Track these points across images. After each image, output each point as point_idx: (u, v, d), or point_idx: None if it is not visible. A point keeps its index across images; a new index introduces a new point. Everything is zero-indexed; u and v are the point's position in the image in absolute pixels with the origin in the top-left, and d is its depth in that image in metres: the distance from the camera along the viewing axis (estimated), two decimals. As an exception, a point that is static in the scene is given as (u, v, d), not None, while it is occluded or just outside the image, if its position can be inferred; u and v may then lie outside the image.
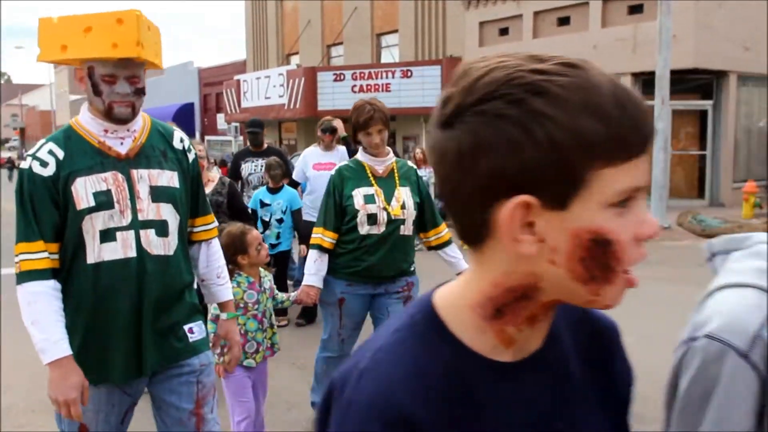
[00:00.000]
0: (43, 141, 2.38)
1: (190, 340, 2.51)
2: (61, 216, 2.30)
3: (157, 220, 2.39)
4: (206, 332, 2.64)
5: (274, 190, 6.62)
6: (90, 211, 2.28)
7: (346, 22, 24.35)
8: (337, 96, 21.02)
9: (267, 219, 6.59)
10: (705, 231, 12.40)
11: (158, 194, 2.40)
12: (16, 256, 2.28)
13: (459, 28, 20.14)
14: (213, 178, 5.40)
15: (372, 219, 3.72)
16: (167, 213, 2.42)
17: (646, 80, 15.43)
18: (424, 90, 19.93)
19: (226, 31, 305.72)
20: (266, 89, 23.73)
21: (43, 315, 2.25)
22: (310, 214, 6.39)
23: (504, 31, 18.98)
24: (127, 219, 2.33)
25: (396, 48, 22.89)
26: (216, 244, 2.72)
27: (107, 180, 2.32)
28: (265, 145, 7.67)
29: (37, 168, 2.29)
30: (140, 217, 2.35)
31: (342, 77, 20.96)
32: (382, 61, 23.17)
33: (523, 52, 0.83)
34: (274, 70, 24.18)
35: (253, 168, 7.37)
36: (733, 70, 15.41)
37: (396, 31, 22.76)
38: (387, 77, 20.31)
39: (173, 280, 2.44)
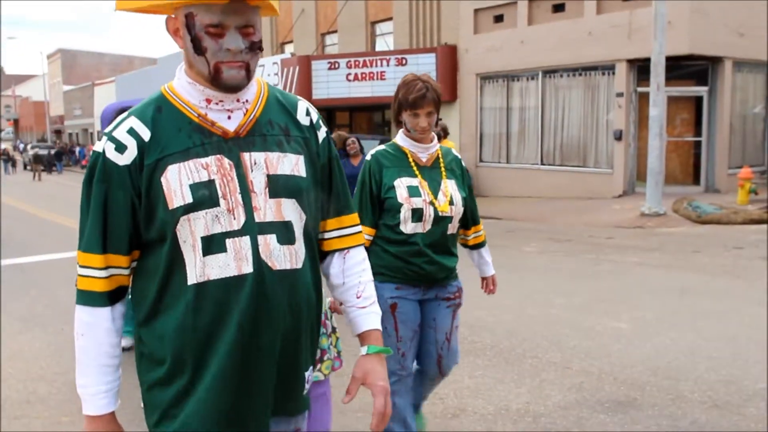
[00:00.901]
0: (124, 115, 1.79)
1: (304, 391, 1.90)
2: (146, 219, 1.72)
3: (278, 221, 1.77)
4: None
5: None
6: (187, 210, 1.68)
7: (340, 11, 24.23)
8: (331, 84, 20.96)
9: None
10: (701, 217, 12.42)
11: (278, 186, 1.78)
12: (78, 264, 1.77)
13: (454, 15, 20.07)
14: None
15: (417, 215, 3.23)
16: (290, 212, 1.79)
17: (641, 66, 15.42)
18: (419, 78, 19.86)
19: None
20: (261, 78, 23.61)
21: (86, 355, 1.76)
22: None
23: (499, 18, 18.91)
24: (239, 221, 1.72)
25: (390, 36, 22.79)
26: (356, 254, 2.00)
27: (209, 167, 1.72)
28: None
29: (111, 153, 1.71)
30: (256, 218, 1.73)
31: (337, 66, 20.89)
32: (377, 49, 23.07)
33: None
34: (268, 59, 24.05)
35: None
36: (728, 56, 15.39)
37: (390, 18, 22.66)
38: (382, 65, 20.24)
39: (302, 305, 1.81)
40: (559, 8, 17.43)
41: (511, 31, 18.37)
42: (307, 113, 1.91)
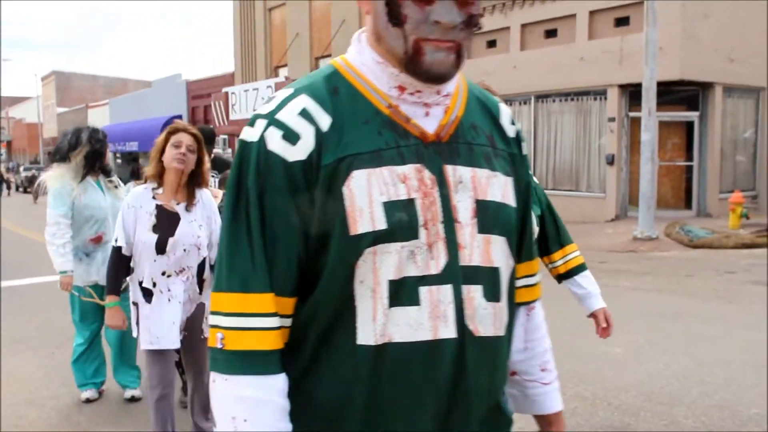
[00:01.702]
0: (289, 92, 1.27)
1: None
2: (315, 246, 1.21)
3: (485, 266, 1.27)
4: None
5: None
6: (376, 239, 1.18)
7: (334, 35, 24.39)
8: (325, 108, 21.00)
9: None
10: (692, 242, 12.45)
11: (488, 217, 1.28)
12: (214, 314, 1.22)
13: (447, 40, 20.19)
14: (217, 193, 4.41)
15: None
16: (500, 254, 1.30)
17: (632, 92, 15.53)
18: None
19: (214, 43, 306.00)
20: (255, 101, 23.68)
21: None
22: None
23: (491, 44, 19.06)
24: (439, 262, 1.22)
25: (384, 60, 22.93)
26: (540, 311, 1.54)
27: (408, 180, 1.21)
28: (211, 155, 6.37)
29: (276, 142, 1.21)
30: (461, 260, 1.24)
31: (330, 89, 20.94)
32: (371, 73, 23.19)
33: None
34: (262, 83, 24.14)
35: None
36: (718, 81, 15.53)
37: (384, 43, 22.81)
38: (375, 89, 20.31)
39: (501, 383, 1.38)
40: (551, 34, 17.60)
41: (504, 56, 18.51)
42: (512, 121, 1.42)
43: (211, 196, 3.88)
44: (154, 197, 3.66)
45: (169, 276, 3.62)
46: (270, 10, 28.85)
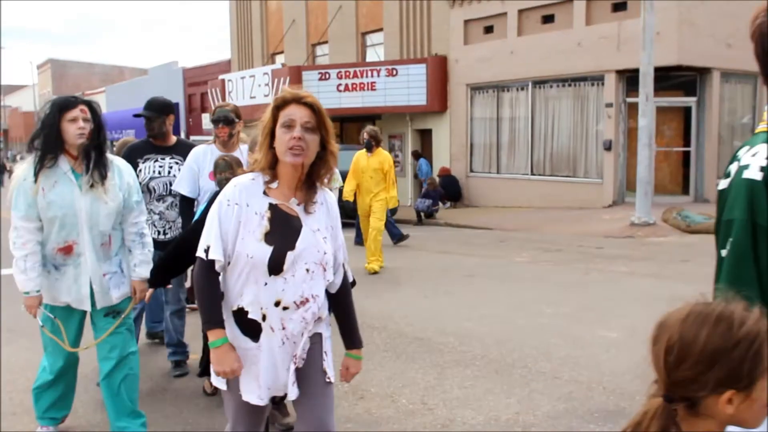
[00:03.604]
0: None
1: None
2: None
3: None
4: None
5: None
6: None
7: (330, 21, 24.28)
8: (322, 95, 20.92)
9: None
10: (690, 227, 12.46)
11: None
12: None
13: (444, 26, 20.14)
14: None
15: None
16: None
17: (630, 77, 15.50)
18: (409, 88, 19.94)
19: (210, 30, 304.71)
20: (251, 89, 23.61)
21: None
22: None
23: (489, 29, 19.00)
24: None
25: (381, 47, 22.84)
26: None
27: None
28: (173, 139, 5.41)
29: None
30: None
31: (327, 76, 20.90)
32: (367, 59, 23.12)
33: None
34: (259, 70, 24.05)
35: (156, 169, 5.25)
36: (716, 66, 15.50)
37: (381, 29, 22.71)
38: (372, 76, 20.27)
39: None
40: (548, 19, 17.53)
41: (501, 42, 18.45)
42: None
43: (334, 198, 2.81)
44: (266, 193, 2.59)
45: (286, 308, 2.54)
46: (266, -3, 28.71)
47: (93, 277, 3.75)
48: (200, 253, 2.54)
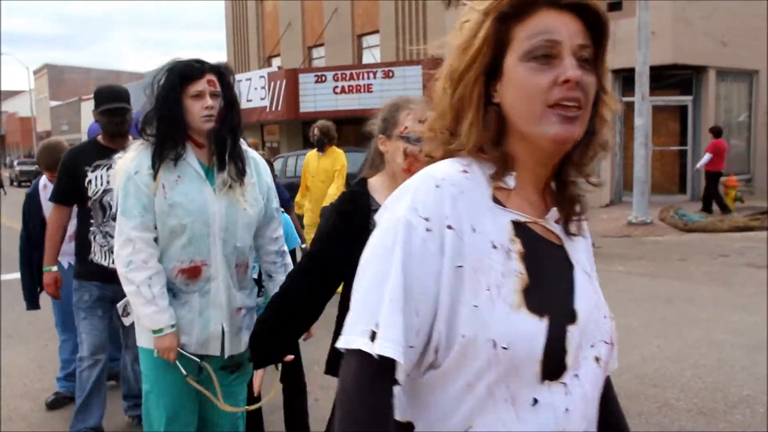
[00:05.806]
0: None
1: None
2: None
3: None
4: None
5: None
6: None
7: (326, 24, 24.30)
8: (319, 97, 20.97)
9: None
10: (687, 226, 12.47)
11: None
12: None
13: (440, 27, 20.15)
14: None
15: None
16: None
17: (626, 77, 15.50)
18: (406, 90, 19.93)
19: (206, 33, 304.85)
20: (248, 91, 23.61)
21: None
22: None
23: (484, 30, 19.02)
24: None
25: (377, 48, 22.87)
26: None
27: None
28: (130, 138, 3.93)
29: None
30: None
31: (324, 79, 20.91)
32: (364, 61, 23.14)
33: None
34: (255, 73, 24.06)
35: (110, 179, 3.78)
36: (711, 65, 15.52)
37: (377, 31, 22.74)
38: (369, 78, 20.29)
39: None
40: (543, 19, 17.54)
41: (497, 43, 18.46)
42: None
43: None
44: (497, 200, 1.19)
45: None
46: (262, 0, 28.73)
47: (225, 311, 2.71)
48: (353, 341, 1.07)
